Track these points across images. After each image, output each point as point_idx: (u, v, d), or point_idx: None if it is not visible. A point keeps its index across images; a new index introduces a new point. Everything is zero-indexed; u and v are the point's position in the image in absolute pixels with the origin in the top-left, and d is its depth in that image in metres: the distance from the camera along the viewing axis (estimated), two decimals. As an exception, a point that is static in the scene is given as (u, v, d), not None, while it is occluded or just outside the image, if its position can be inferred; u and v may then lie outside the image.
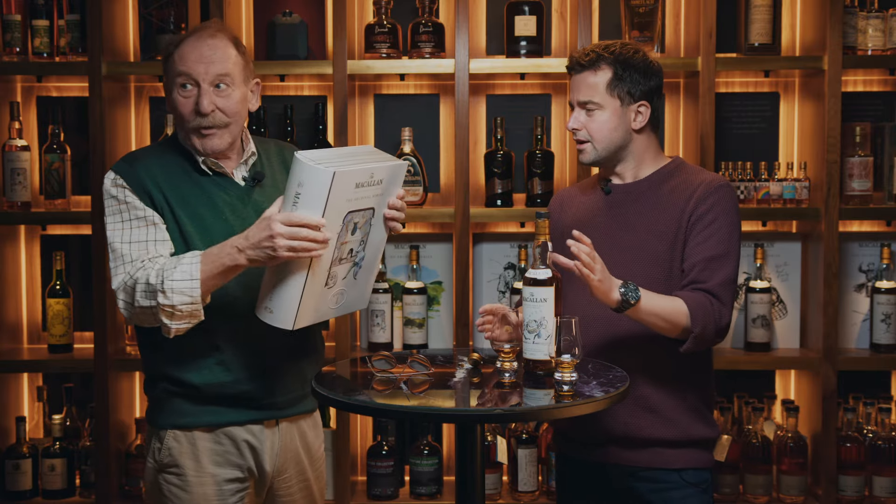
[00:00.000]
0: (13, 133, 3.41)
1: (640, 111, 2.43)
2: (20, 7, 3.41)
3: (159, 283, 2.15)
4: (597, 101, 2.41)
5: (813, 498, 3.37)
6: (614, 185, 2.50)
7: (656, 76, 2.46)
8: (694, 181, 2.43)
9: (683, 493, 2.41)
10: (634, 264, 2.41)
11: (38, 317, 3.62)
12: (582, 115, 2.44)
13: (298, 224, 2.06)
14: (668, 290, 2.37)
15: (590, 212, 2.52)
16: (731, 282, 2.37)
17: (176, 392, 2.31)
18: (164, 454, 2.31)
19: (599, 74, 2.41)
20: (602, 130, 2.42)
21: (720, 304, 2.33)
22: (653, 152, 2.50)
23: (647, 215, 2.43)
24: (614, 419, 2.42)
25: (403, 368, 2.35)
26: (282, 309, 2.16)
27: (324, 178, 2.05)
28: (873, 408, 3.40)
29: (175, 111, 2.30)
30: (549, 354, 2.20)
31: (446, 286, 3.52)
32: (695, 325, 2.29)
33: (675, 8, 3.54)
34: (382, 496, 3.38)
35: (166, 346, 2.26)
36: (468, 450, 2.15)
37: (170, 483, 2.32)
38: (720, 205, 2.38)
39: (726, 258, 2.36)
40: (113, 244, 2.27)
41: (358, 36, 3.53)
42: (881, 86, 3.56)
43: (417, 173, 3.40)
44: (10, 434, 3.46)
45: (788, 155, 3.57)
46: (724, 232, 2.37)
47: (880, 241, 3.46)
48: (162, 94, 3.57)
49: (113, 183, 2.29)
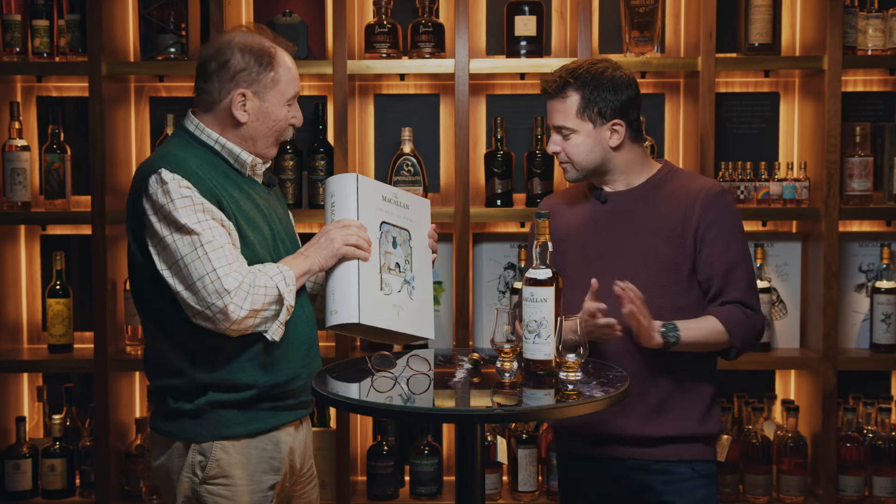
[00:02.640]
0: (13, 133, 3.41)
1: (616, 129, 2.45)
2: (20, 7, 3.41)
3: (284, 288, 2.24)
4: (569, 126, 2.45)
5: (813, 498, 3.37)
6: (609, 193, 2.53)
7: (628, 88, 2.46)
8: (692, 187, 2.47)
9: (695, 484, 2.46)
10: (642, 267, 2.43)
11: (38, 317, 3.62)
12: (559, 139, 2.49)
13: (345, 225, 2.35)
14: (675, 293, 2.42)
15: (587, 219, 2.53)
16: (753, 286, 2.47)
17: (224, 402, 2.27)
18: (211, 467, 2.27)
19: (568, 101, 2.45)
20: (579, 153, 2.47)
21: (752, 311, 2.44)
22: (639, 163, 2.52)
23: (650, 219, 2.46)
24: (626, 420, 2.45)
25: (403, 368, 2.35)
26: (344, 304, 2.34)
27: (349, 181, 2.40)
28: (873, 408, 3.40)
29: (268, 118, 2.34)
30: (550, 354, 2.21)
31: (446, 286, 3.52)
32: (734, 340, 2.41)
33: (675, 8, 3.54)
34: (382, 496, 3.38)
35: (216, 357, 2.26)
36: (468, 450, 2.15)
37: (216, 494, 2.28)
38: (725, 212, 2.45)
39: (742, 264, 2.45)
40: (212, 243, 2.18)
41: (358, 36, 3.53)
42: (881, 86, 3.56)
43: (417, 173, 3.40)
44: (10, 434, 3.46)
45: (788, 155, 3.57)
46: (734, 239, 2.45)
47: (880, 241, 3.46)
48: (162, 94, 3.59)
49: (178, 184, 2.21)
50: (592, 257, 2.49)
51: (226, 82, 2.30)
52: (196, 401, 2.27)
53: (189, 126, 2.37)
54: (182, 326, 2.24)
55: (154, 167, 2.23)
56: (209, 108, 2.35)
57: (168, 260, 2.20)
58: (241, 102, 2.31)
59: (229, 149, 2.35)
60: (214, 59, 2.31)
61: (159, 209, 2.20)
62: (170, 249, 2.19)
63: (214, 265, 2.17)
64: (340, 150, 3.30)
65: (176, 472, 2.31)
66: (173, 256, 2.19)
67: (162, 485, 2.40)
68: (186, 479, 2.29)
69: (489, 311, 3.47)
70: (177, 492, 2.31)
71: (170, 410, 2.30)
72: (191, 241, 2.18)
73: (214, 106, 2.33)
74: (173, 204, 2.19)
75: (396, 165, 3.39)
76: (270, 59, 2.32)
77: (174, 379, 2.29)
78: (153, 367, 2.34)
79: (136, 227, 2.26)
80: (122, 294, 3.42)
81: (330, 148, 3.38)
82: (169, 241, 2.19)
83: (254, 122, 2.33)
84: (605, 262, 2.47)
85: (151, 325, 2.32)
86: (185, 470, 2.29)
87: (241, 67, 2.29)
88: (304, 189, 3.43)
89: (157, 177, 2.21)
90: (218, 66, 2.30)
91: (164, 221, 2.19)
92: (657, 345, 2.35)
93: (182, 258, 2.18)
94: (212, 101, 2.33)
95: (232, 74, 2.30)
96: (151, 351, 2.34)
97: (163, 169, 2.21)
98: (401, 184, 3.38)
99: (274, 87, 2.34)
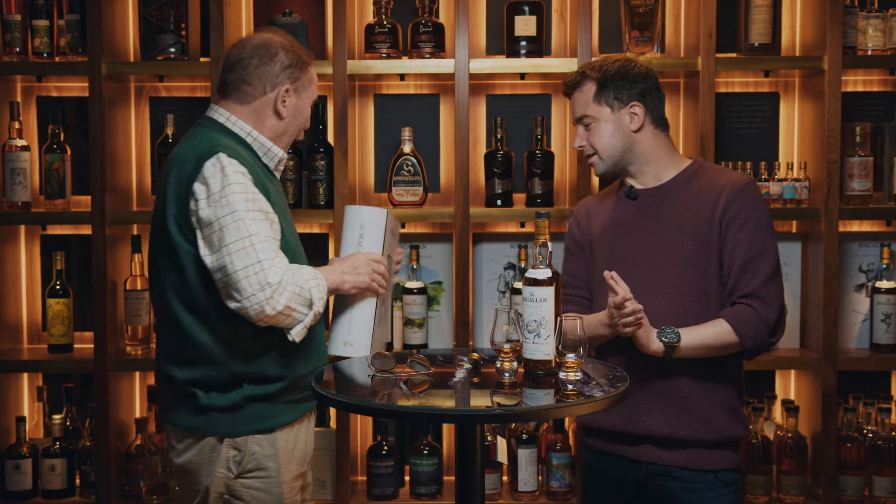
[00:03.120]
0: (13, 133, 3.41)
1: (634, 112, 2.50)
2: (20, 7, 3.41)
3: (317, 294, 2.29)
4: (589, 114, 2.52)
5: (813, 498, 3.37)
6: (639, 190, 2.54)
7: (645, 79, 2.51)
8: (719, 181, 2.48)
9: (717, 493, 2.45)
10: (669, 266, 2.45)
11: (38, 317, 3.62)
12: (583, 132, 2.54)
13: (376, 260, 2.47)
14: (704, 289, 2.43)
15: (618, 218, 2.56)
16: (771, 278, 2.42)
17: (258, 396, 2.32)
18: (247, 461, 2.32)
19: (585, 90, 2.52)
20: (602, 139, 2.51)
21: (764, 304, 2.40)
22: (665, 153, 2.54)
23: (678, 216, 2.47)
24: (654, 419, 2.45)
25: (403, 368, 2.35)
26: (359, 339, 2.48)
27: (381, 217, 2.53)
28: (873, 408, 3.40)
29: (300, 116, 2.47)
30: (549, 354, 2.21)
31: (446, 286, 3.52)
32: (745, 341, 2.40)
33: (675, 8, 3.54)
34: (382, 496, 3.38)
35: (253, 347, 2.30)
36: (468, 450, 2.15)
37: (251, 488, 2.33)
38: (749, 205, 2.44)
39: (762, 257, 2.42)
40: (259, 234, 2.22)
41: (358, 36, 3.53)
42: (881, 86, 3.56)
43: (417, 173, 3.40)
44: (10, 434, 3.47)
45: (788, 155, 3.57)
46: (756, 232, 2.43)
47: (880, 241, 3.46)
48: (162, 94, 3.59)
49: (235, 170, 2.24)
50: (621, 256, 2.51)
51: (272, 77, 2.39)
52: (230, 394, 2.30)
53: (218, 118, 2.41)
54: (223, 317, 2.27)
55: (211, 151, 2.25)
56: (246, 101, 2.40)
57: (215, 244, 2.22)
58: (283, 98, 2.41)
59: (261, 142, 2.41)
60: (258, 55, 2.38)
61: (214, 193, 2.22)
62: (219, 234, 2.21)
63: (260, 256, 2.20)
64: (340, 150, 3.30)
65: (205, 469, 2.33)
66: (222, 241, 2.21)
67: (184, 482, 2.40)
68: (221, 474, 2.32)
69: (489, 311, 3.47)
70: (208, 488, 2.33)
71: (200, 406, 2.31)
72: (241, 228, 2.20)
73: (254, 100, 2.40)
74: (230, 189, 2.22)
75: (396, 165, 3.39)
76: (307, 60, 2.46)
77: (210, 371, 2.30)
78: (184, 360, 2.32)
79: (180, 211, 2.26)
80: (121, 294, 3.42)
81: (330, 148, 3.38)
82: (218, 225, 2.21)
83: (289, 117, 2.43)
84: (632, 260, 2.49)
85: (188, 316, 2.30)
86: (218, 465, 2.32)
87: (287, 64, 2.40)
88: (304, 189, 3.43)
89: (215, 161, 2.24)
90: (262, 61, 2.38)
91: (218, 206, 2.22)
92: (657, 350, 2.36)
93: (230, 244, 2.20)
94: (252, 94, 2.39)
95: (279, 70, 2.39)
96: (184, 344, 2.31)
97: (221, 154, 2.25)
98: (401, 184, 3.39)
99: (309, 87, 2.47)
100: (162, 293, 2.34)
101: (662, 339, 2.35)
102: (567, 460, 3.33)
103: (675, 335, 2.36)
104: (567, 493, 3.33)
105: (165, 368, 2.37)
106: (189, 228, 2.25)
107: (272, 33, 2.45)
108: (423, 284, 3.46)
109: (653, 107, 2.51)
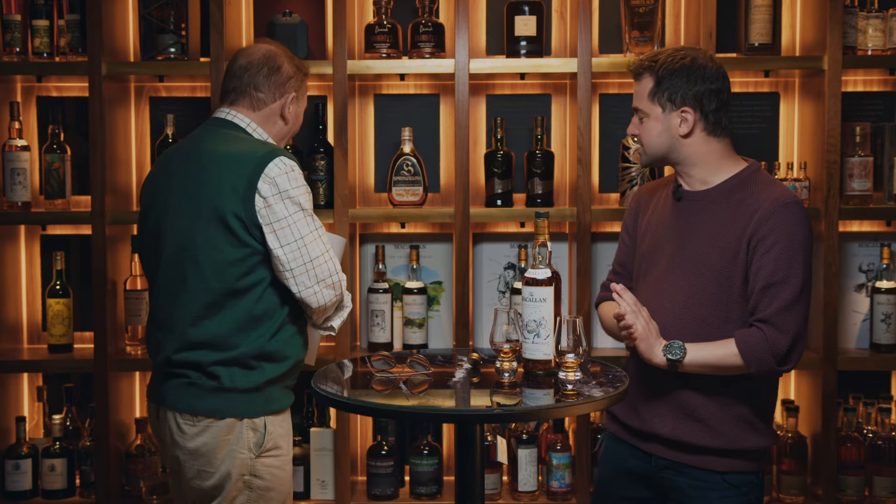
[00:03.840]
0: (13, 133, 3.41)
1: (685, 117, 2.43)
2: (20, 7, 3.41)
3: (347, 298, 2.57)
4: (642, 109, 2.49)
5: (813, 498, 3.37)
6: (685, 191, 2.50)
7: (707, 81, 2.43)
8: (760, 197, 2.39)
9: (722, 495, 2.42)
10: (695, 276, 2.41)
11: (38, 317, 3.62)
12: (636, 122, 2.53)
13: None
14: (725, 304, 2.38)
15: (661, 217, 2.54)
16: (790, 306, 2.32)
17: (275, 378, 2.46)
18: (268, 440, 2.45)
19: (643, 83, 2.48)
20: (649, 136, 2.49)
21: (775, 331, 2.32)
22: (716, 159, 2.46)
23: (711, 229, 2.42)
24: (663, 422, 2.44)
25: (403, 368, 2.35)
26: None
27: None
28: (873, 408, 3.40)
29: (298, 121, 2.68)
30: (549, 354, 2.21)
31: (446, 286, 3.52)
32: (750, 365, 2.33)
33: (675, 8, 3.54)
34: (382, 496, 3.38)
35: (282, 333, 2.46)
36: (468, 450, 2.15)
37: (270, 466, 2.46)
38: (781, 226, 2.33)
39: (785, 283, 2.32)
40: (321, 230, 2.46)
41: (358, 36, 3.53)
42: (881, 86, 3.56)
43: (417, 173, 3.40)
44: (10, 434, 3.47)
45: (788, 155, 3.57)
46: (782, 256, 2.32)
47: (880, 241, 3.46)
48: (162, 94, 3.60)
49: (298, 171, 2.45)
50: (655, 256, 2.51)
51: (279, 85, 2.57)
52: (253, 375, 2.42)
53: (239, 122, 2.56)
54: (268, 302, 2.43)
55: (273, 153, 2.43)
56: (258, 108, 2.57)
57: (287, 238, 2.39)
58: (290, 105, 2.61)
59: None
60: (267, 65, 2.57)
61: (284, 191, 2.40)
62: (291, 229, 2.40)
63: (326, 247, 2.46)
64: (340, 150, 3.30)
65: (222, 450, 2.40)
66: (294, 234, 2.40)
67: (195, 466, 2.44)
68: (243, 455, 2.42)
69: (489, 311, 3.47)
70: (229, 471, 2.41)
71: (222, 388, 2.41)
72: (310, 223, 2.44)
73: (265, 106, 2.57)
74: (298, 189, 2.42)
75: (396, 165, 3.39)
76: (305, 70, 2.67)
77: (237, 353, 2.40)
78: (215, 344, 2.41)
79: (238, 207, 2.38)
80: (121, 294, 3.42)
81: (330, 148, 3.38)
82: (291, 221, 2.40)
83: (291, 123, 2.64)
84: (665, 262, 2.47)
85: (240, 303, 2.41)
86: (238, 446, 2.41)
87: (291, 73, 2.60)
88: (304, 189, 3.43)
89: (280, 162, 2.42)
90: (272, 70, 2.57)
91: (288, 202, 2.40)
92: (661, 363, 2.35)
93: (303, 237, 2.41)
94: (264, 101, 2.57)
95: (286, 79, 2.58)
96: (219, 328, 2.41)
97: (283, 156, 2.44)
98: (401, 184, 3.39)
99: (305, 94, 2.68)
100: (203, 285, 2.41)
101: (667, 356, 2.33)
102: (567, 460, 3.33)
103: (680, 352, 2.32)
104: (567, 493, 3.33)
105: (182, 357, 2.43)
106: (254, 224, 2.39)
107: (270, 44, 2.63)
108: (423, 284, 3.46)
109: (710, 111, 2.43)
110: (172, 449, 2.47)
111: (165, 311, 2.47)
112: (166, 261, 2.46)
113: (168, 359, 2.44)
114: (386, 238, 3.57)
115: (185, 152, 2.52)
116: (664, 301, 2.42)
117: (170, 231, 2.45)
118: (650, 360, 2.35)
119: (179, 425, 2.43)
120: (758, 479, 2.45)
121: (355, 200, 3.54)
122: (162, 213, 2.48)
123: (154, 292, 2.53)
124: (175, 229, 2.44)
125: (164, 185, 2.51)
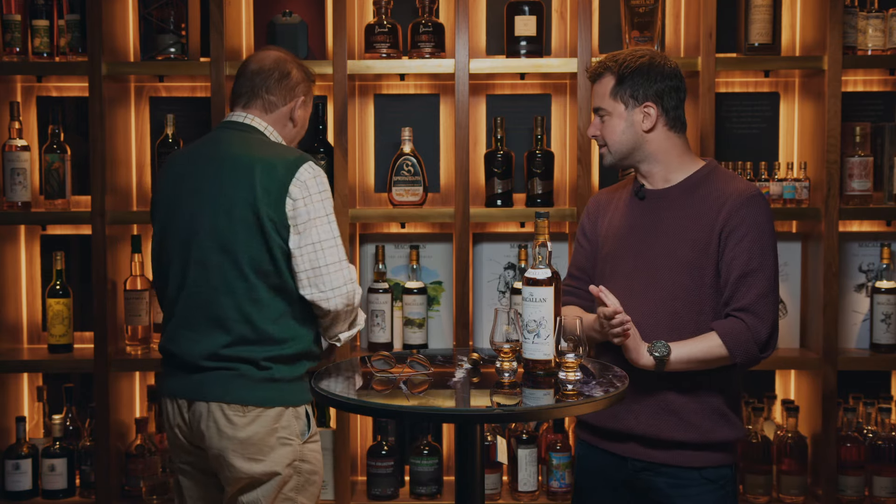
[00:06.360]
0: (13, 133, 3.41)
1: (647, 112, 2.48)
2: (20, 7, 3.41)
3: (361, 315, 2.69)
4: (604, 108, 2.52)
5: (813, 498, 3.37)
6: (647, 190, 2.54)
7: (666, 78, 2.49)
8: (726, 190, 2.45)
9: (701, 490, 2.45)
10: (666, 271, 2.44)
11: (38, 317, 3.62)
12: (597, 122, 2.55)
13: None
14: (697, 297, 2.41)
15: (625, 216, 2.56)
16: (766, 293, 2.40)
17: (309, 369, 2.57)
18: (312, 426, 2.58)
19: (604, 83, 2.52)
20: (613, 134, 2.51)
21: (756, 318, 2.38)
22: (677, 155, 2.52)
23: (679, 223, 2.46)
24: (638, 419, 2.45)
25: (403, 368, 2.35)
26: None
27: None
28: (873, 408, 3.40)
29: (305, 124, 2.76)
30: (549, 354, 2.21)
31: (446, 286, 3.52)
32: (735, 356, 2.38)
33: (675, 8, 3.54)
34: (382, 496, 3.38)
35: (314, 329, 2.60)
36: (468, 450, 2.15)
37: (314, 451, 2.59)
38: (750, 217, 2.41)
39: (759, 272, 2.40)
40: (340, 237, 2.54)
41: (358, 36, 3.53)
42: (881, 86, 3.56)
43: (417, 173, 3.40)
44: (10, 434, 3.47)
45: (788, 155, 3.57)
46: (755, 246, 2.40)
47: (880, 241, 3.46)
48: (162, 94, 3.60)
49: (324, 177, 2.53)
50: (622, 255, 2.52)
51: (289, 89, 2.67)
52: (296, 367, 2.54)
53: (258, 126, 2.64)
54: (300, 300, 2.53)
55: (302, 158, 2.53)
56: (270, 111, 2.66)
57: (306, 239, 2.48)
58: (299, 109, 2.70)
59: None
60: (278, 69, 2.66)
61: (312, 195, 2.49)
62: (311, 232, 2.48)
63: (342, 255, 2.52)
64: (340, 150, 3.30)
65: (271, 438, 2.49)
66: (313, 237, 2.48)
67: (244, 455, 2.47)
68: (291, 442, 2.52)
69: (489, 311, 3.47)
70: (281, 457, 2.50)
71: (273, 378, 2.50)
72: (332, 228, 2.52)
73: (277, 109, 2.66)
74: (324, 194, 2.52)
75: (396, 165, 3.39)
76: (312, 76, 2.76)
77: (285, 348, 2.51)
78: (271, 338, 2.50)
79: (271, 209, 2.47)
80: (121, 294, 3.42)
81: (330, 148, 3.38)
82: (312, 224, 2.48)
83: (299, 126, 2.74)
84: (632, 260, 2.49)
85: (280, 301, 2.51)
86: (289, 434, 2.52)
87: (301, 79, 2.69)
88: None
89: (309, 167, 2.52)
90: (283, 75, 2.66)
91: (314, 206, 2.49)
92: (647, 364, 2.36)
93: (321, 241, 2.49)
94: (276, 104, 2.66)
95: (295, 83, 2.68)
96: (275, 325, 2.51)
97: (311, 162, 2.54)
98: (401, 184, 3.39)
99: (311, 99, 2.76)
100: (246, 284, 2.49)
101: (654, 354, 2.34)
102: (567, 460, 3.33)
103: (665, 349, 2.34)
104: (567, 493, 3.33)
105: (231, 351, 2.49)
106: (284, 225, 2.47)
107: (279, 51, 2.72)
108: (423, 284, 3.46)
109: (670, 108, 2.49)
110: (217, 441, 2.48)
111: (203, 310, 2.50)
112: (199, 262, 2.50)
113: (215, 353, 2.49)
114: (386, 238, 3.58)
115: (208, 156, 2.57)
116: (636, 298, 2.43)
117: (205, 233, 2.49)
118: (636, 362, 2.36)
119: (228, 417, 2.46)
120: (732, 473, 2.49)
121: (355, 200, 3.54)
122: (193, 216, 2.51)
123: (181, 293, 2.53)
124: (212, 232, 2.49)
125: (190, 189, 2.54)
